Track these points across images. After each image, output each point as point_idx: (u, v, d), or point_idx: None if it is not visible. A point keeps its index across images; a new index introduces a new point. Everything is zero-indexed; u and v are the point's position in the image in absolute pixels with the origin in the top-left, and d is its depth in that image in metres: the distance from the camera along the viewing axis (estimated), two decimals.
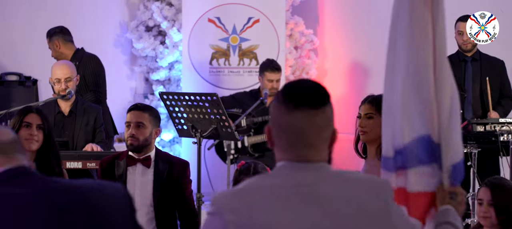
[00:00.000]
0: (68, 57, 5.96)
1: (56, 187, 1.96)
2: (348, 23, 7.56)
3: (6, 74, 6.77)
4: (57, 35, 6.02)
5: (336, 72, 7.65)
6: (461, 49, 5.74)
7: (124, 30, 7.53)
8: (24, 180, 1.96)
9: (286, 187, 1.87)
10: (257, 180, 1.94)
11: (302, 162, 1.90)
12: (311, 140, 1.90)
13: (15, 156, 1.99)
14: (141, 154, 4.20)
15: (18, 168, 1.97)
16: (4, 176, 1.96)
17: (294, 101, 1.89)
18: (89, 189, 1.97)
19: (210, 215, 1.88)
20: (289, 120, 1.90)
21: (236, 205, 1.85)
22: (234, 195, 1.90)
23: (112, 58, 7.27)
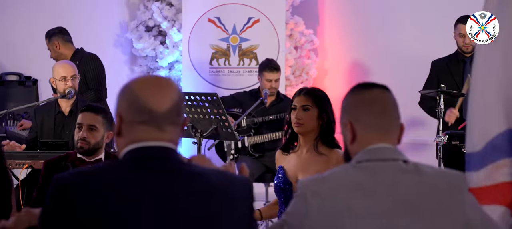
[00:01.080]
0: (68, 57, 5.96)
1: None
2: (348, 23, 7.56)
3: (6, 74, 6.77)
4: (56, 35, 6.02)
5: (336, 72, 7.65)
6: (461, 50, 5.74)
7: (124, 30, 7.53)
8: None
9: (369, 174, 2.00)
10: (340, 168, 2.06)
11: (379, 143, 2.04)
12: (391, 110, 2.12)
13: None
14: (92, 157, 4.08)
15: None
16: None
17: (365, 85, 2.14)
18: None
19: (296, 197, 2.03)
20: (369, 94, 2.12)
21: (319, 189, 1.98)
22: (320, 180, 2.02)
23: (112, 58, 7.27)
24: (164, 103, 1.88)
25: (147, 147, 1.87)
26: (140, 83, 1.91)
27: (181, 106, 1.93)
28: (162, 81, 1.93)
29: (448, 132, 5.26)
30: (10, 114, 6.07)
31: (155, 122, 1.88)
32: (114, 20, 7.54)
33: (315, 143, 3.55)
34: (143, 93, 1.88)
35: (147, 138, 1.87)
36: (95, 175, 1.86)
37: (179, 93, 1.92)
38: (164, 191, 1.83)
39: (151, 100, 1.87)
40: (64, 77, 5.16)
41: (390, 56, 7.15)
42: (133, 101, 1.88)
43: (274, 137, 6.23)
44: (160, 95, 1.88)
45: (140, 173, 1.84)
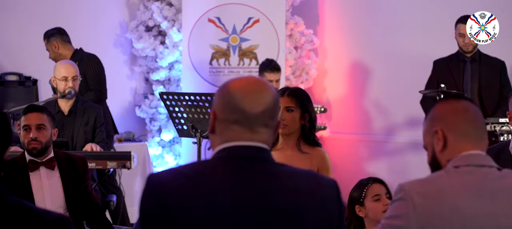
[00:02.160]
0: (67, 58, 5.95)
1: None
2: (348, 23, 7.56)
3: (6, 74, 6.76)
4: (55, 36, 6.01)
5: (336, 72, 7.65)
6: (462, 50, 5.74)
7: (124, 30, 7.53)
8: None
9: (473, 177, 2.09)
10: (439, 172, 2.13)
11: (476, 150, 2.12)
12: (482, 119, 2.19)
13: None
14: (43, 157, 4.02)
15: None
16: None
17: (454, 95, 2.24)
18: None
19: (398, 200, 2.08)
20: (461, 104, 2.17)
21: (426, 190, 2.07)
22: (424, 182, 2.11)
23: (112, 58, 7.27)
24: (257, 106, 1.95)
25: (238, 147, 1.94)
26: (237, 84, 1.99)
27: (275, 111, 1.99)
28: (258, 84, 2.00)
29: None
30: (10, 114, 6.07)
31: (247, 123, 1.94)
32: (114, 20, 7.53)
33: (298, 143, 3.58)
34: (238, 94, 1.96)
35: (238, 138, 1.94)
36: (192, 175, 1.91)
37: (274, 98, 1.98)
38: (256, 189, 1.89)
39: (245, 102, 1.94)
40: (65, 77, 5.16)
41: (390, 56, 7.15)
42: (228, 100, 1.96)
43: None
44: (254, 97, 1.95)
45: (233, 171, 1.91)
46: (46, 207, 3.93)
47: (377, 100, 7.34)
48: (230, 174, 1.90)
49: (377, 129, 7.37)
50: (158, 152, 7.39)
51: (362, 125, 7.46)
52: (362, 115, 7.45)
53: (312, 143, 3.61)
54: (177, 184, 1.88)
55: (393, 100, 7.16)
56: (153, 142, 7.40)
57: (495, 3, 6.22)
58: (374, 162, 7.31)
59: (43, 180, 4.00)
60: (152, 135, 7.46)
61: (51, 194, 4.01)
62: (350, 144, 7.50)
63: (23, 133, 4.01)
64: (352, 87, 7.54)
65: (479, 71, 5.73)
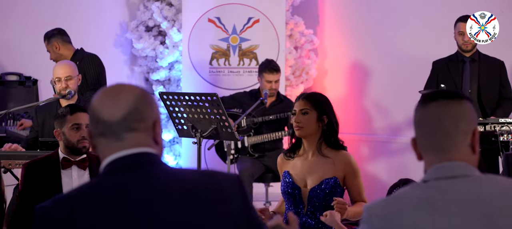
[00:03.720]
0: (68, 58, 5.95)
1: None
2: (348, 23, 7.56)
3: (6, 74, 6.77)
4: (55, 36, 6.01)
5: (336, 72, 7.65)
6: (461, 50, 5.74)
7: (124, 30, 7.53)
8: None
9: (433, 193, 1.92)
10: (406, 188, 2.00)
11: (443, 162, 1.95)
12: (447, 126, 1.95)
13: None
14: (77, 156, 4.03)
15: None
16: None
17: (429, 96, 2.00)
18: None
19: (362, 223, 1.96)
20: (425, 112, 1.98)
21: (385, 211, 1.93)
22: (387, 202, 1.98)
23: (112, 58, 7.27)
24: (116, 111, 1.83)
25: (111, 162, 1.84)
26: (97, 95, 1.88)
27: (141, 111, 1.85)
28: (115, 89, 1.87)
29: None
30: (10, 114, 6.07)
31: (111, 133, 1.83)
32: (114, 20, 7.53)
33: (318, 146, 3.64)
34: (96, 105, 1.85)
35: (109, 152, 1.84)
36: (73, 198, 1.82)
37: (136, 98, 1.84)
38: (140, 198, 1.79)
39: (104, 111, 1.84)
40: (59, 79, 5.17)
41: (390, 56, 7.15)
42: (91, 114, 1.86)
43: (274, 137, 6.23)
44: (110, 104, 1.84)
45: (114, 189, 1.80)
46: None
47: (377, 100, 7.34)
48: (112, 191, 1.79)
49: (377, 129, 7.36)
50: None
51: (362, 125, 7.46)
52: (362, 115, 7.45)
53: (334, 146, 3.66)
54: (63, 210, 1.78)
55: (393, 100, 7.16)
56: None
57: (495, 3, 6.22)
58: (374, 162, 7.31)
59: (74, 178, 4.01)
60: None
61: None
62: (350, 144, 7.46)
63: (72, 132, 3.99)
64: (352, 87, 7.54)
65: (478, 72, 5.73)
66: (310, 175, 3.64)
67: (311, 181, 3.62)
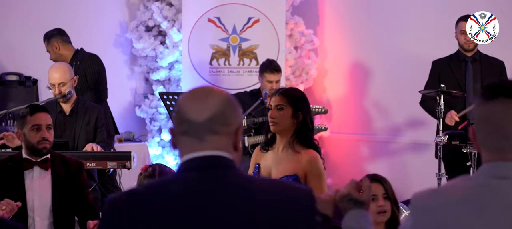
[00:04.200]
0: (68, 58, 5.94)
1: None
2: (348, 23, 7.56)
3: (6, 74, 6.76)
4: (55, 36, 6.00)
5: (336, 72, 7.65)
6: (462, 49, 5.73)
7: (124, 30, 7.53)
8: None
9: (479, 190, 1.89)
10: (457, 180, 1.97)
11: (499, 161, 1.91)
12: (506, 127, 1.90)
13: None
14: (39, 157, 4.00)
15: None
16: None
17: (491, 92, 1.92)
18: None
19: (409, 215, 1.98)
20: (485, 109, 1.93)
21: (428, 204, 1.92)
22: (429, 195, 1.96)
23: (112, 58, 7.26)
24: (202, 113, 1.86)
25: (190, 159, 1.87)
26: (185, 95, 1.92)
27: (226, 116, 1.87)
28: (204, 91, 1.91)
29: (448, 132, 5.26)
30: (10, 114, 6.06)
31: (194, 133, 1.86)
32: (114, 20, 7.53)
33: (291, 141, 3.64)
34: (184, 104, 1.89)
35: (189, 150, 1.87)
36: (147, 193, 1.86)
37: (223, 103, 1.87)
38: (208, 200, 1.81)
39: (190, 110, 1.87)
40: (52, 85, 5.17)
41: (390, 56, 7.15)
42: (177, 112, 1.91)
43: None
44: (198, 105, 1.87)
45: (186, 185, 1.84)
46: (34, 206, 3.99)
47: (377, 100, 7.34)
48: (182, 189, 1.83)
49: (378, 129, 7.36)
50: (158, 152, 7.39)
51: (362, 125, 7.46)
52: (362, 115, 7.45)
53: (305, 143, 3.63)
54: (133, 205, 1.82)
55: (393, 100, 7.16)
56: (153, 142, 7.40)
57: (495, 3, 6.22)
58: (375, 162, 7.31)
59: (35, 179, 4.00)
60: (152, 135, 7.46)
61: (40, 194, 3.99)
62: (351, 144, 7.50)
63: (32, 133, 3.99)
64: (352, 87, 7.53)
65: (480, 71, 5.73)
66: (275, 169, 3.65)
67: (274, 175, 3.62)
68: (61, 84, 5.16)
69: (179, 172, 1.88)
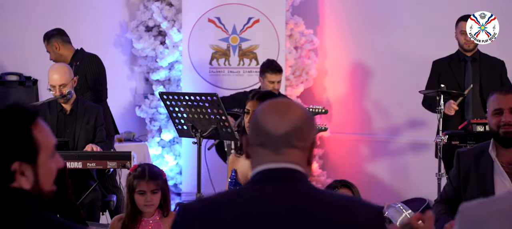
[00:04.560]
0: (68, 58, 5.94)
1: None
2: (348, 23, 7.56)
3: (6, 74, 6.76)
4: (55, 37, 5.99)
5: (336, 72, 7.65)
6: (462, 49, 5.73)
7: (124, 30, 7.53)
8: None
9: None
10: (504, 193, 1.96)
11: None
12: None
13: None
14: None
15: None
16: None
17: None
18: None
19: (456, 226, 1.95)
20: None
21: (474, 216, 1.88)
22: (477, 206, 1.92)
23: (112, 58, 7.27)
24: (281, 126, 1.90)
25: (265, 170, 1.91)
26: (264, 106, 1.96)
27: (303, 131, 1.92)
28: (284, 104, 1.95)
29: (448, 132, 5.25)
30: None
31: (271, 145, 1.90)
32: (114, 20, 7.54)
33: None
34: (262, 116, 1.93)
35: (264, 161, 1.91)
36: (222, 202, 1.91)
37: (302, 118, 1.92)
38: (281, 210, 1.85)
39: (269, 123, 1.91)
40: (53, 86, 5.16)
41: (391, 56, 7.15)
42: (255, 123, 1.95)
43: None
44: (278, 118, 1.91)
45: (260, 195, 1.88)
46: None
47: (377, 100, 7.34)
48: (256, 199, 1.88)
49: (377, 129, 7.36)
50: (158, 152, 7.39)
51: (362, 125, 7.46)
52: (362, 115, 7.45)
53: None
54: (207, 213, 1.88)
55: (393, 100, 7.16)
56: (153, 142, 7.40)
57: (495, 3, 6.22)
58: (375, 162, 7.31)
59: None
60: (152, 135, 7.46)
61: None
62: (350, 144, 7.50)
63: None
64: (352, 87, 7.53)
65: (480, 71, 5.73)
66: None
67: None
68: (61, 86, 5.16)
69: (253, 182, 1.92)
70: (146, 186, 3.41)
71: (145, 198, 3.41)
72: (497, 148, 3.47)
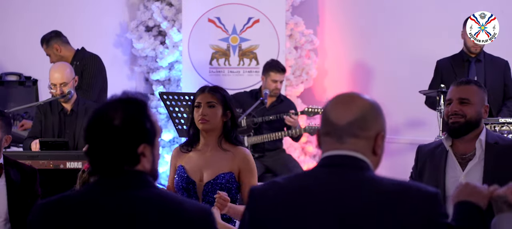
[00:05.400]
0: (69, 59, 5.92)
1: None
2: (348, 23, 7.56)
3: (6, 74, 6.77)
4: (54, 39, 5.95)
5: (336, 72, 7.65)
6: (468, 51, 5.68)
7: (124, 30, 7.53)
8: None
9: None
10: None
11: None
12: None
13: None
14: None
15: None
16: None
17: None
18: None
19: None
20: None
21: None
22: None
23: (112, 58, 7.27)
24: (343, 117, 2.01)
25: (329, 156, 2.03)
26: (331, 99, 2.08)
27: (366, 122, 2.02)
28: (348, 96, 2.07)
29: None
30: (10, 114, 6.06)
31: (335, 134, 2.02)
32: (114, 20, 7.53)
33: (220, 141, 3.57)
34: (328, 107, 2.05)
35: (328, 149, 2.03)
36: (288, 185, 2.05)
37: (365, 109, 2.02)
38: (339, 195, 1.96)
39: (333, 114, 2.03)
40: (54, 84, 5.16)
41: (391, 56, 7.15)
42: (323, 115, 2.07)
43: (274, 137, 6.23)
44: (340, 109, 2.02)
45: (321, 181, 2.00)
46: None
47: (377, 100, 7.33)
48: (318, 183, 1.99)
49: None
50: None
51: None
52: None
53: (234, 141, 3.60)
54: (276, 195, 2.02)
55: (393, 100, 7.14)
56: None
57: (495, 3, 6.21)
58: None
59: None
60: None
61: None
62: None
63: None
64: (353, 87, 7.53)
65: (484, 72, 5.70)
66: (206, 169, 3.55)
67: (207, 175, 3.53)
68: (62, 84, 5.15)
69: (317, 166, 2.05)
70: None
71: None
72: (452, 139, 3.45)
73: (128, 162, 1.98)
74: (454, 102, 3.40)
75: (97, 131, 1.99)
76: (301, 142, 7.13)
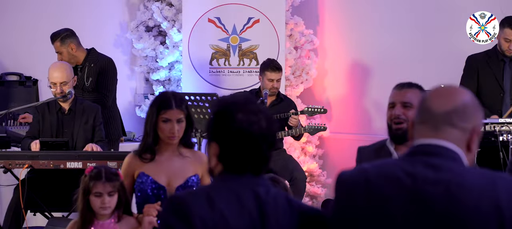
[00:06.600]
0: (81, 60, 5.87)
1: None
2: (348, 23, 7.56)
3: (6, 74, 6.76)
4: (70, 37, 5.80)
5: (336, 72, 7.65)
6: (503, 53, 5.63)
7: (124, 30, 7.53)
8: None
9: None
10: None
11: None
12: None
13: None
14: None
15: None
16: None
17: None
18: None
19: None
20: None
21: None
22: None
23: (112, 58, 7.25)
24: (444, 105, 1.98)
25: (421, 145, 2.00)
26: (432, 89, 2.06)
27: (466, 114, 1.99)
28: (451, 88, 2.05)
29: None
30: (10, 114, 6.07)
31: (432, 122, 1.99)
32: (114, 20, 7.54)
33: (179, 147, 3.57)
34: (429, 96, 2.04)
35: (422, 136, 2.00)
36: (377, 172, 2.01)
37: (466, 102, 1.99)
38: (424, 184, 1.92)
39: (433, 102, 2.01)
40: (54, 83, 5.15)
41: (390, 56, 7.15)
42: (421, 103, 2.05)
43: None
44: (442, 97, 2.00)
45: (409, 169, 1.95)
46: None
47: (377, 100, 7.34)
48: (406, 172, 1.95)
49: (377, 129, 7.36)
50: None
51: (362, 125, 7.46)
52: (362, 115, 7.45)
53: (191, 145, 3.61)
54: (361, 179, 1.99)
55: None
56: None
57: (495, 3, 6.22)
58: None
59: None
60: None
61: None
62: (350, 144, 7.47)
63: None
64: (352, 87, 7.54)
65: None
66: (173, 174, 3.53)
67: (176, 180, 3.52)
68: (63, 83, 5.15)
69: (407, 154, 2.02)
70: (102, 188, 3.33)
71: (102, 200, 3.33)
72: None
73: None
74: (397, 106, 3.36)
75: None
76: (301, 142, 7.13)
